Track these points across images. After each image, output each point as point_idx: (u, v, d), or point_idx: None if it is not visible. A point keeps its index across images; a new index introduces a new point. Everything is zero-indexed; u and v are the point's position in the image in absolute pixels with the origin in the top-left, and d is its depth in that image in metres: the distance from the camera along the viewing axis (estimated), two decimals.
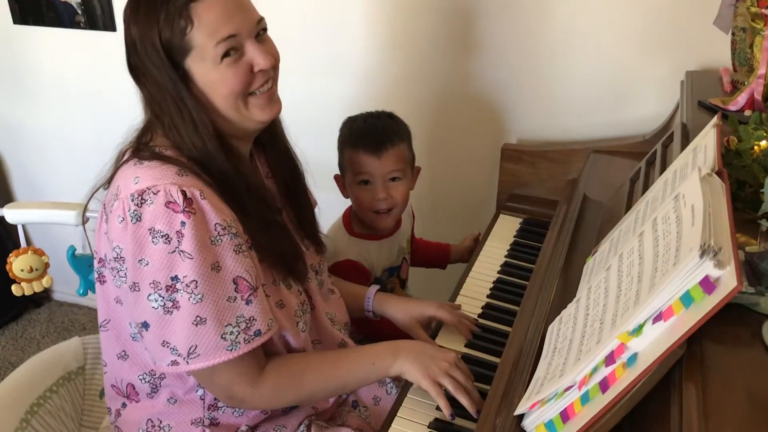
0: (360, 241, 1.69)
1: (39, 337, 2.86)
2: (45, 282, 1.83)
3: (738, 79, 1.57)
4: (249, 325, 1.12)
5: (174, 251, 1.06)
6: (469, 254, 1.87)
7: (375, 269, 1.70)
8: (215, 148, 1.14)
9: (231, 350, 1.11)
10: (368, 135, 1.60)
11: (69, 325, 2.93)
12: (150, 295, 1.08)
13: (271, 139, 1.33)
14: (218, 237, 1.10)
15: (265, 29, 1.19)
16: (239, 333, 1.11)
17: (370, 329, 1.60)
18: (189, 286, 1.07)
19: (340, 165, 1.68)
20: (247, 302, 1.12)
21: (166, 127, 1.15)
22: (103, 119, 2.50)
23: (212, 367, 1.11)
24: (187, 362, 1.10)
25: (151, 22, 1.09)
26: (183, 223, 1.06)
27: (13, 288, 1.80)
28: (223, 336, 1.10)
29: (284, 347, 1.25)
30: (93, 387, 1.60)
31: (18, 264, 1.77)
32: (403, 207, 1.67)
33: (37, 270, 1.79)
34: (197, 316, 1.08)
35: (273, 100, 1.21)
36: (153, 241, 1.07)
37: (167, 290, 1.07)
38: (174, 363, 1.11)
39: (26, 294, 1.82)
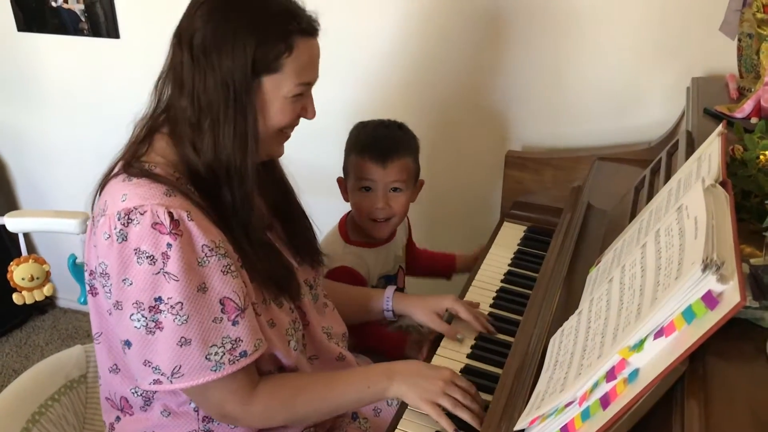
0: (355, 249, 1.68)
1: (43, 344, 2.86)
2: (46, 290, 1.82)
3: (744, 85, 1.56)
4: (234, 345, 1.11)
5: (159, 272, 1.06)
6: (473, 264, 1.86)
7: (371, 277, 1.69)
8: (253, 166, 1.16)
9: (215, 371, 1.10)
10: (375, 143, 1.60)
11: (73, 332, 2.93)
12: (132, 315, 1.08)
13: (268, 164, 1.33)
14: (205, 258, 1.09)
15: None
16: (224, 354, 1.10)
17: (371, 338, 1.59)
18: (174, 308, 1.06)
19: (345, 168, 1.68)
20: (234, 323, 1.11)
21: (205, 126, 1.13)
22: (106, 126, 2.48)
23: (203, 385, 1.10)
24: (171, 381, 1.09)
25: (254, 29, 1.10)
26: (169, 245, 1.05)
27: (14, 297, 1.80)
28: (207, 357, 1.09)
29: (276, 367, 1.24)
30: (95, 395, 1.60)
31: (19, 273, 1.76)
32: (401, 218, 1.67)
33: (38, 278, 1.79)
34: (182, 337, 1.07)
35: (288, 139, 1.27)
36: (138, 262, 1.06)
37: (150, 311, 1.07)
38: (156, 382, 1.10)
39: (27, 302, 1.81)
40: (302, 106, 1.21)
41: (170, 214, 1.06)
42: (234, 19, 1.10)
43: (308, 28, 1.16)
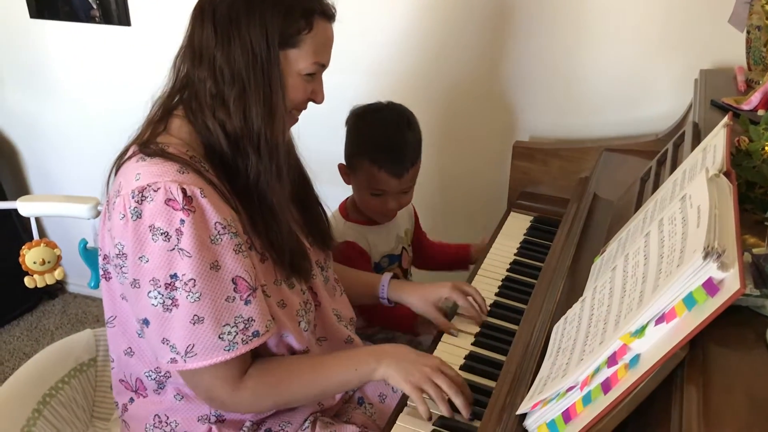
0: (355, 226, 1.70)
1: (53, 329, 2.89)
2: (57, 274, 1.84)
3: (752, 78, 1.56)
4: (247, 325, 1.12)
5: (173, 249, 1.07)
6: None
7: (373, 254, 1.71)
8: (285, 133, 1.19)
9: (228, 350, 1.11)
10: (392, 155, 1.58)
11: (82, 317, 2.96)
12: (150, 292, 1.09)
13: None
14: (218, 236, 1.10)
15: None
16: (237, 333, 1.11)
17: (381, 315, 1.61)
18: (187, 285, 1.07)
19: (351, 164, 1.66)
20: (246, 302, 1.12)
21: (228, 96, 1.14)
22: (117, 113, 2.51)
23: (194, 369, 1.11)
24: (185, 360, 1.10)
25: (280, 4, 1.13)
26: (182, 221, 1.06)
27: (26, 280, 1.81)
28: (221, 336, 1.10)
29: (286, 348, 1.25)
30: (105, 379, 1.62)
31: (30, 256, 1.78)
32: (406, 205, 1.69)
33: (49, 262, 1.81)
34: (195, 315, 1.08)
35: (293, 125, 1.28)
36: (153, 239, 1.07)
37: (166, 288, 1.08)
38: (173, 361, 1.11)
39: (38, 286, 1.83)
40: (313, 88, 1.22)
41: (183, 191, 1.07)
42: None
43: (327, 11, 1.20)
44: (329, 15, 1.21)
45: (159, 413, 1.27)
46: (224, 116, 1.14)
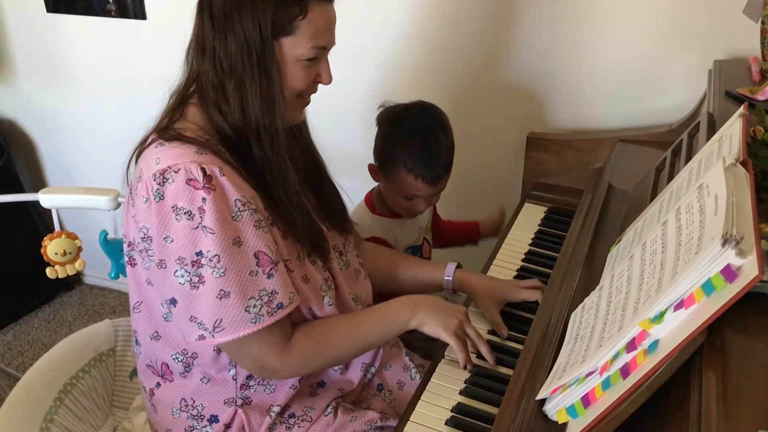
0: (382, 219, 1.71)
1: (71, 320, 2.92)
2: (78, 265, 1.87)
3: (767, 68, 1.56)
4: (271, 298, 1.15)
5: (197, 227, 1.09)
6: (498, 228, 1.90)
7: (398, 247, 1.73)
8: (283, 124, 1.19)
9: (255, 323, 1.14)
10: (431, 165, 1.59)
11: (99, 308, 2.99)
12: (177, 271, 1.11)
13: (295, 132, 1.35)
14: (238, 213, 1.12)
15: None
16: (262, 306, 1.14)
17: None
18: (212, 261, 1.10)
19: (384, 168, 1.65)
20: (269, 276, 1.15)
21: (229, 87, 1.16)
22: (133, 105, 2.54)
23: (241, 339, 1.14)
24: (213, 336, 1.13)
25: None
26: (204, 199, 1.09)
27: (48, 271, 1.84)
28: (247, 309, 1.13)
29: (312, 318, 1.29)
30: (124, 368, 1.64)
31: (52, 247, 1.81)
32: None
33: (70, 253, 1.83)
34: (221, 290, 1.11)
35: (307, 105, 1.29)
36: (176, 218, 1.10)
37: (193, 265, 1.11)
38: (201, 337, 1.14)
39: (60, 277, 1.86)
40: (317, 71, 1.23)
41: (203, 170, 1.10)
42: None
43: None
44: None
45: (185, 397, 1.29)
46: (226, 107, 1.17)
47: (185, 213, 1.09)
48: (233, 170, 1.15)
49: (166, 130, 1.18)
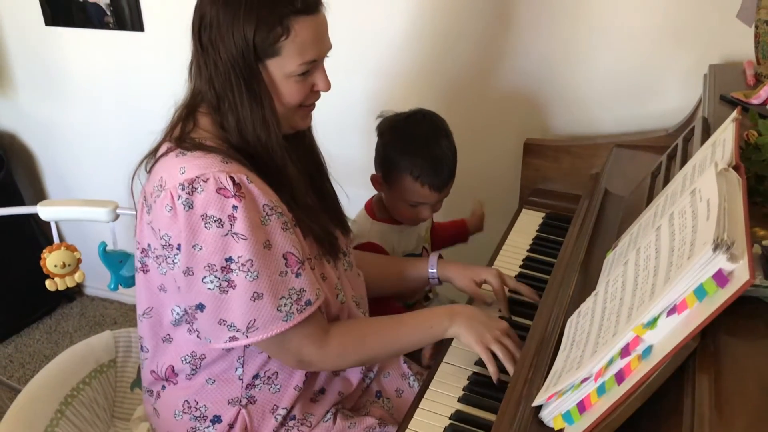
0: (381, 225, 1.72)
1: (72, 331, 2.92)
2: (77, 277, 1.87)
3: (761, 72, 1.57)
4: (300, 296, 1.18)
5: (227, 234, 1.12)
6: (481, 222, 1.93)
7: (396, 254, 1.73)
8: (279, 143, 1.21)
9: (286, 320, 1.17)
10: (435, 172, 1.60)
11: (100, 320, 3.00)
12: (205, 277, 1.14)
13: (298, 134, 1.36)
14: (267, 217, 1.15)
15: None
16: (292, 304, 1.17)
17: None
18: (245, 265, 1.13)
19: (387, 177, 1.65)
20: (297, 275, 1.18)
21: (224, 108, 1.19)
22: (132, 117, 2.55)
23: (281, 335, 1.17)
24: (247, 336, 1.16)
25: (250, 16, 1.13)
26: (234, 207, 1.12)
27: (47, 283, 1.84)
28: (279, 308, 1.16)
29: (326, 316, 1.31)
30: (124, 379, 1.64)
31: (51, 260, 1.81)
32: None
33: (69, 265, 1.84)
34: (255, 292, 1.14)
35: (312, 112, 1.31)
36: (206, 227, 1.12)
37: (222, 271, 1.13)
38: (232, 339, 1.17)
39: (59, 289, 1.86)
40: (313, 82, 1.23)
41: (232, 179, 1.12)
42: (232, 5, 1.13)
43: (305, 6, 1.16)
44: (309, 10, 1.17)
45: (188, 398, 1.31)
46: (226, 124, 1.20)
47: (215, 221, 1.12)
48: (257, 176, 1.18)
49: (182, 139, 1.20)
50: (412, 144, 1.61)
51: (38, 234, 2.88)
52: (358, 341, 1.29)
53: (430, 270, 1.57)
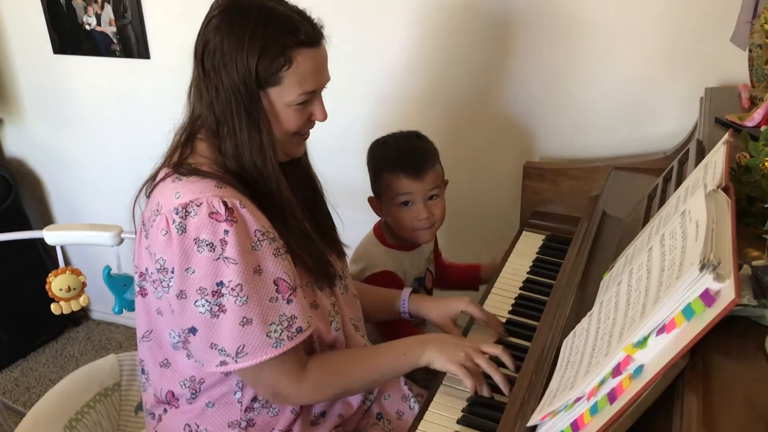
0: (394, 252, 1.74)
1: (78, 355, 2.94)
2: (82, 301, 1.89)
3: (756, 94, 1.58)
4: (291, 322, 1.19)
5: (219, 258, 1.13)
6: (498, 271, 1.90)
7: (407, 279, 1.75)
8: (275, 170, 1.23)
9: (276, 347, 1.17)
10: (406, 158, 1.64)
11: (106, 343, 3.01)
12: (197, 301, 1.15)
13: (294, 160, 1.38)
14: (258, 243, 1.16)
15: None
16: (283, 330, 1.17)
17: (391, 334, 1.64)
18: (234, 290, 1.14)
19: (376, 189, 1.71)
20: (288, 301, 1.19)
21: (223, 133, 1.21)
22: (138, 144, 2.58)
23: (259, 366, 1.17)
24: (236, 361, 1.16)
25: (254, 45, 1.15)
26: (226, 232, 1.13)
27: (53, 307, 1.86)
28: (269, 334, 1.16)
29: (319, 346, 1.32)
30: (129, 402, 1.65)
31: (57, 283, 1.83)
32: (442, 221, 1.72)
33: (74, 289, 1.85)
34: (243, 317, 1.14)
35: (306, 140, 1.33)
36: (198, 250, 1.13)
37: (213, 295, 1.14)
38: (223, 363, 1.17)
39: (64, 312, 1.87)
40: (311, 111, 1.26)
41: (224, 203, 1.14)
42: (236, 34, 1.16)
43: (308, 39, 1.19)
44: (311, 42, 1.20)
45: (189, 422, 1.32)
46: (224, 148, 1.22)
47: (207, 245, 1.13)
48: (250, 202, 1.20)
49: (179, 165, 1.23)
50: (385, 147, 1.69)
51: (45, 258, 2.91)
52: (335, 375, 1.29)
53: (401, 305, 1.57)
